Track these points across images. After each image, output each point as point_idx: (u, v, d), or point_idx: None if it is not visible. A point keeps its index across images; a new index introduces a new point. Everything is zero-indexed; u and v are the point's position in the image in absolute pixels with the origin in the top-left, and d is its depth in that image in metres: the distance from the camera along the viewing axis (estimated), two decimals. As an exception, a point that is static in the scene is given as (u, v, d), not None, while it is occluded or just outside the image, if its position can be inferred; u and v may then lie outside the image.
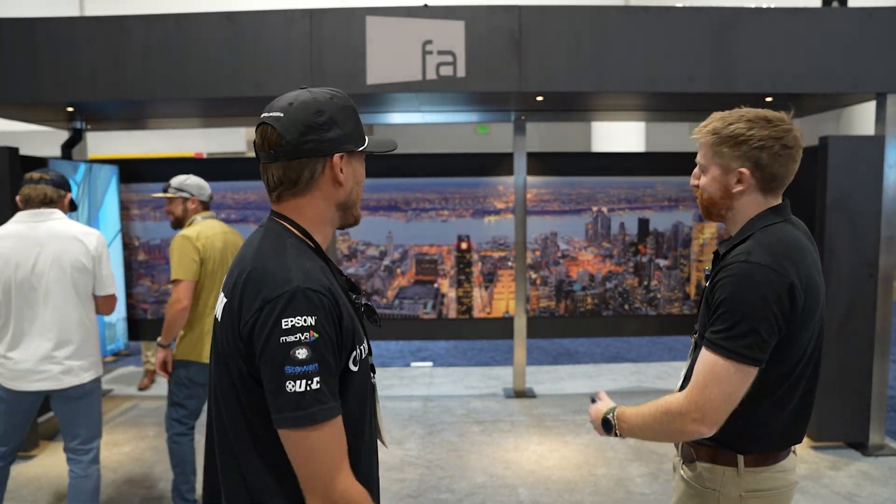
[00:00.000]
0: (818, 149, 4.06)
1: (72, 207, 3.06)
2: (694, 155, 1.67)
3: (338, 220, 1.33)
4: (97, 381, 2.89)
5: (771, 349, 1.45)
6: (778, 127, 1.53)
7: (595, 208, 5.31)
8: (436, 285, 5.33)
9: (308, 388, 1.10)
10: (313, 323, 1.12)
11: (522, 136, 5.20)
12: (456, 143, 10.54)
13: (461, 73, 4.07)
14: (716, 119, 1.58)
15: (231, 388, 1.20)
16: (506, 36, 4.05)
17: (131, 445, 4.35)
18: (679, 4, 4.67)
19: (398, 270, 5.32)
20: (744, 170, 1.53)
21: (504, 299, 5.36)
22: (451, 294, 5.33)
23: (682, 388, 1.70)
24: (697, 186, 1.64)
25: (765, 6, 4.11)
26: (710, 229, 5.33)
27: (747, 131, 1.52)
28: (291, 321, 1.11)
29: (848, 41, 4.06)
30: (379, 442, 1.41)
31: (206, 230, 3.20)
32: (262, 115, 1.26)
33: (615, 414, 1.67)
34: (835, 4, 5.98)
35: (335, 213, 1.31)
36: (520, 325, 5.26)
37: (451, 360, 6.75)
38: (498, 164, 5.32)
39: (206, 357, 3.16)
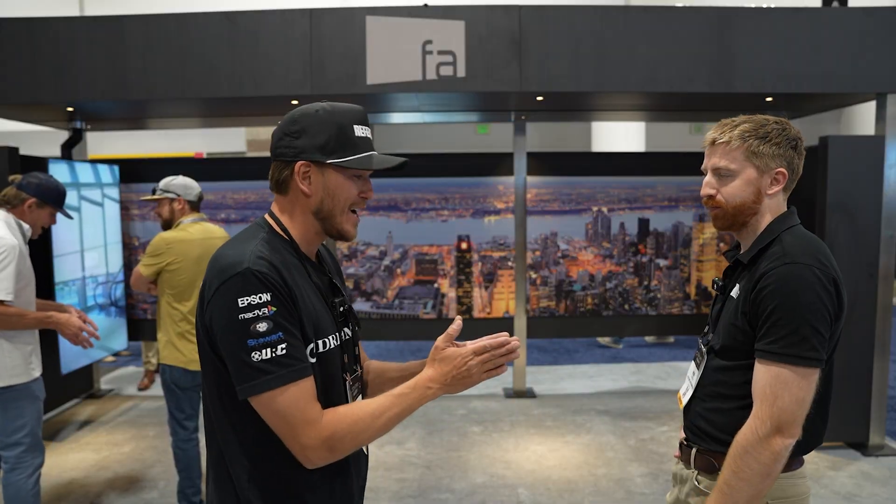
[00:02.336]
0: (818, 149, 4.05)
1: (62, 214, 3.04)
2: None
3: (319, 228, 1.36)
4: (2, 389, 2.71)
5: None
6: (795, 129, 1.56)
7: (595, 208, 5.31)
8: (436, 285, 5.33)
9: (274, 355, 1.17)
10: (269, 298, 1.19)
11: (522, 136, 5.20)
12: (456, 143, 10.54)
13: (461, 73, 4.07)
14: (739, 122, 1.55)
15: (207, 365, 1.28)
16: (506, 36, 4.05)
17: (131, 445, 4.35)
18: (679, 4, 4.67)
19: (398, 270, 5.32)
20: (782, 169, 1.53)
21: (504, 299, 5.36)
22: (451, 294, 5.33)
23: (693, 395, 1.66)
24: (713, 196, 1.58)
25: (765, 6, 4.11)
26: (711, 229, 5.32)
27: (781, 132, 1.53)
28: (247, 300, 1.18)
29: (848, 41, 4.06)
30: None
31: (185, 237, 3.18)
32: None
33: None
34: (835, 4, 5.99)
35: (313, 220, 1.34)
36: (520, 325, 5.26)
37: (451, 360, 6.74)
38: (498, 164, 5.32)
39: (187, 363, 3.16)
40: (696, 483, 1.62)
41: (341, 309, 1.38)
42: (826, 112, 5.13)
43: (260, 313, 1.17)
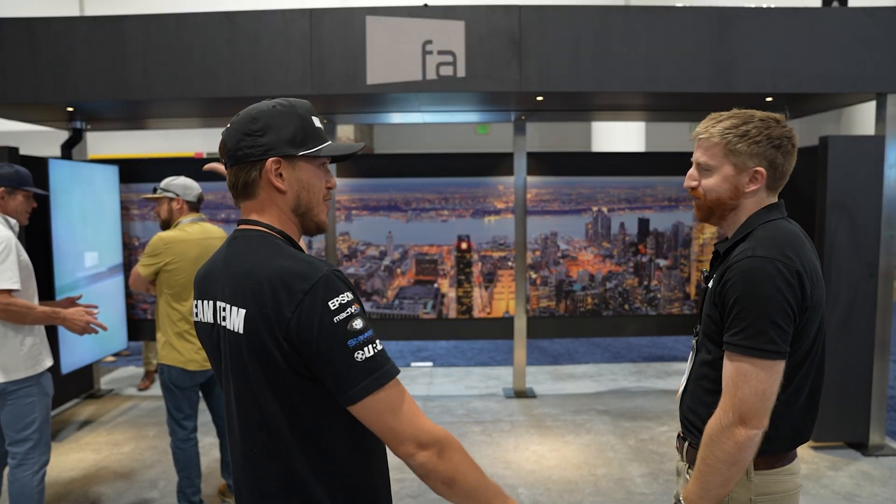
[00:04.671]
0: (818, 149, 4.06)
1: (36, 192, 2.99)
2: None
3: (298, 226, 1.33)
4: (8, 384, 2.73)
5: (790, 339, 1.44)
6: (786, 127, 1.56)
7: (595, 208, 5.31)
8: (436, 285, 5.33)
9: (375, 351, 1.16)
10: (353, 296, 1.18)
11: (522, 136, 5.20)
12: (456, 143, 10.55)
13: (461, 73, 4.07)
14: (724, 118, 1.56)
15: (266, 393, 1.21)
16: (506, 36, 4.05)
17: (131, 445, 4.35)
18: (679, 4, 4.67)
19: (398, 270, 5.32)
20: (760, 168, 1.53)
21: (504, 299, 5.36)
22: (451, 294, 5.33)
23: (685, 389, 1.69)
24: (694, 188, 1.61)
25: (765, 6, 4.11)
26: (711, 229, 5.32)
27: (764, 130, 1.53)
28: (337, 301, 1.15)
29: (848, 41, 4.06)
30: None
31: (183, 237, 3.18)
32: None
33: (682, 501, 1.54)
34: (835, 4, 5.99)
35: (293, 219, 1.31)
36: (520, 325, 5.26)
37: (451, 360, 6.75)
38: (498, 164, 5.32)
39: (185, 363, 3.16)
40: (688, 476, 1.64)
41: None
42: (826, 112, 5.13)
43: (351, 311, 1.15)
